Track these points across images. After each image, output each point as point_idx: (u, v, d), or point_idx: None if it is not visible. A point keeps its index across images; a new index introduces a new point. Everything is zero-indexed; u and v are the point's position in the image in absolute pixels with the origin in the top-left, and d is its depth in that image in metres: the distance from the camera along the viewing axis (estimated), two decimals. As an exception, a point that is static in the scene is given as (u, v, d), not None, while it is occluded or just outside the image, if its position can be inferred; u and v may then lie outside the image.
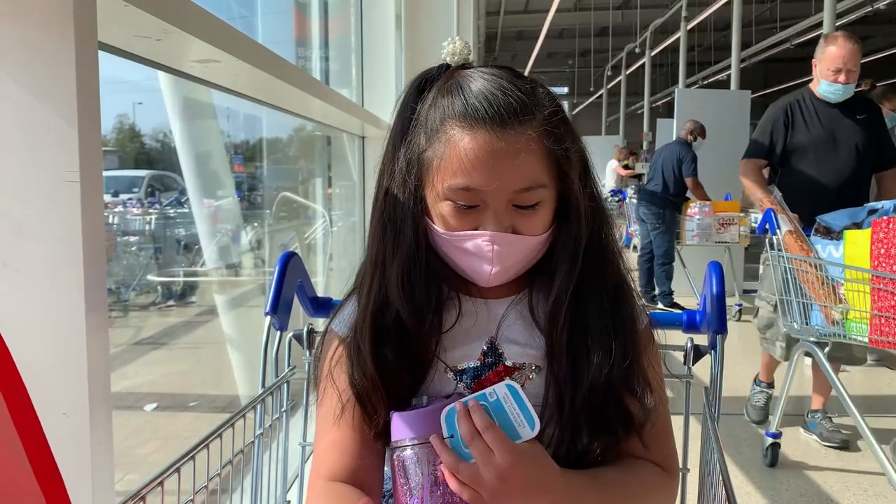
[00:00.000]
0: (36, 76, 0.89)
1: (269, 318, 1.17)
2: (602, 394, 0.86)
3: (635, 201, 7.06)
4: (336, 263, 3.95)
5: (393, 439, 0.84)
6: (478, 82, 0.85)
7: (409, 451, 0.82)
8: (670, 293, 6.34)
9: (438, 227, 0.86)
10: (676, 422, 1.18)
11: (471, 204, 0.84)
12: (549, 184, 0.84)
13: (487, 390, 0.83)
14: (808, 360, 4.30)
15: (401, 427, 0.83)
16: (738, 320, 5.99)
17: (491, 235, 0.83)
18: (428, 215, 0.88)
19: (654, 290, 6.49)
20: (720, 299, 1.12)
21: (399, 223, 0.88)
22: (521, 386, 0.85)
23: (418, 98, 0.89)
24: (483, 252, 0.84)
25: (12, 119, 0.90)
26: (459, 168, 0.82)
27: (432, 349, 0.90)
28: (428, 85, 0.89)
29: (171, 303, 5.11)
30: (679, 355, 1.17)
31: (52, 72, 0.89)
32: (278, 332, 1.19)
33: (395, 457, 0.83)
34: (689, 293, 6.42)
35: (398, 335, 0.88)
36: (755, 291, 6.78)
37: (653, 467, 0.95)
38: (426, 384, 0.90)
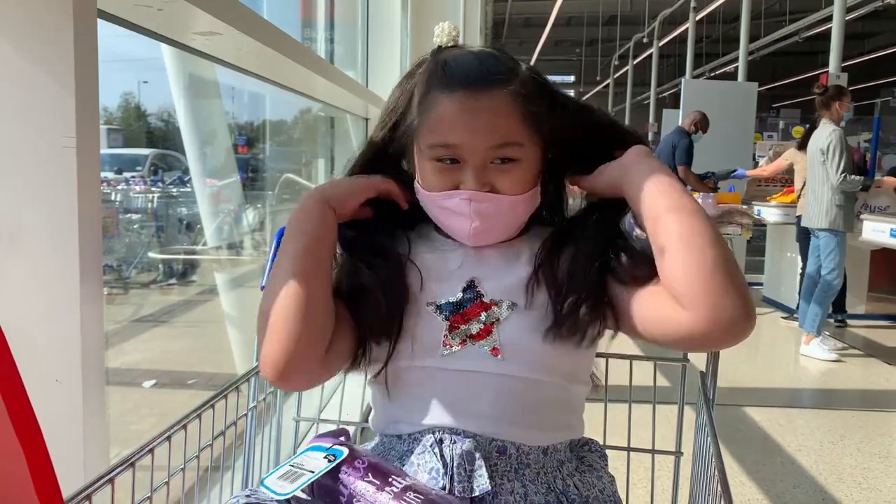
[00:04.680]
0: (34, 41, 0.89)
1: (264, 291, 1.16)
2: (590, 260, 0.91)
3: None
4: (336, 246, 3.94)
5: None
6: (459, 54, 0.93)
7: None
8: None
9: (423, 189, 0.94)
10: (671, 408, 1.18)
11: (449, 157, 0.90)
12: (525, 143, 0.90)
13: None
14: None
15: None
16: (738, 313, 5.98)
17: (469, 194, 0.89)
18: (417, 180, 0.95)
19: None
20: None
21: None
22: (497, 321, 0.90)
23: (413, 76, 0.97)
24: (462, 209, 0.90)
25: (9, 84, 0.89)
26: (438, 125, 0.89)
27: (414, 286, 0.93)
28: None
29: (171, 281, 5.10)
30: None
31: (51, 37, 0.88)
32: (274, 307, 1.18)
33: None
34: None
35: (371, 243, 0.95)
36: (757, 284, 6.79)
37: None
38: (409, 320, 0.92)
